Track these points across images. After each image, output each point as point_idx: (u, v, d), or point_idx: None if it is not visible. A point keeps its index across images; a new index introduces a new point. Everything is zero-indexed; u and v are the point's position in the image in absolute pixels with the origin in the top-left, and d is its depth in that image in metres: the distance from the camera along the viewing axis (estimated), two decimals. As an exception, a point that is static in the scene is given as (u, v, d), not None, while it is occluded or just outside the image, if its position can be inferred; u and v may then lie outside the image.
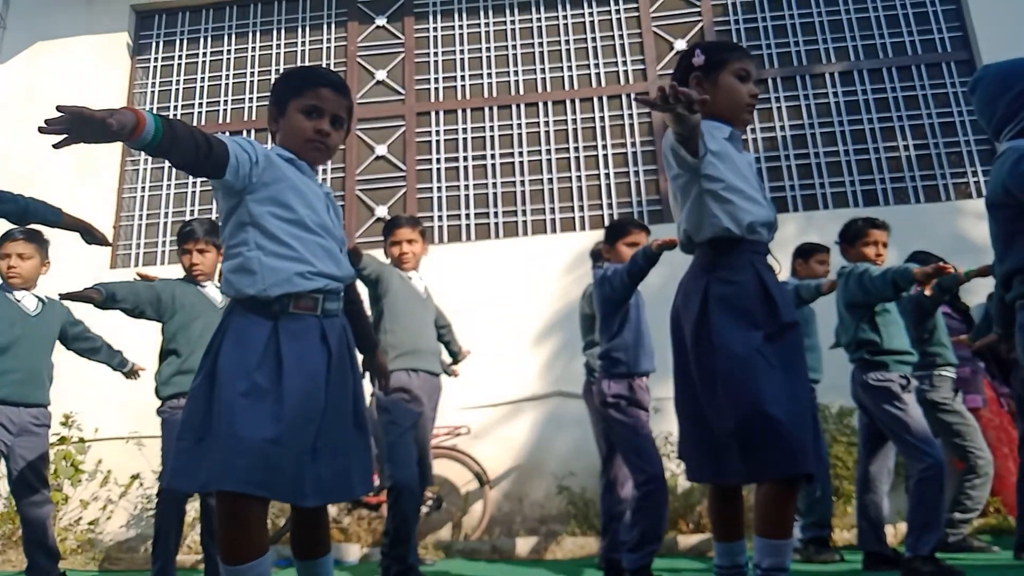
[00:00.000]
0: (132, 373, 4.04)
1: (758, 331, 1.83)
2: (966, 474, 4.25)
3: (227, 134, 2.35)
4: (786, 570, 1.84)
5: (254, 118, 7.37)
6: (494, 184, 7.00)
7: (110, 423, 6.04)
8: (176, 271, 3.76)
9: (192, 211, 7.17)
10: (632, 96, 7.10)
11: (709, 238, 1.92)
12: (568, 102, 7.17)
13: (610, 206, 6.86)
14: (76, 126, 1.48)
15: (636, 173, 6.94)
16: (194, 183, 7.25)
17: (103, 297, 3.24)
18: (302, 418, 1.75)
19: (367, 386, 2.20)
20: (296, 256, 1.81)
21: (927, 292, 3.85)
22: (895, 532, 4.78)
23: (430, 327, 3.90)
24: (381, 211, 6.84)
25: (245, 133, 7.30)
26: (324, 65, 7.22)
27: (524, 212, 6.90)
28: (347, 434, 1.86)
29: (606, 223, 6.72)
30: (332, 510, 5.57)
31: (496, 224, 6.89)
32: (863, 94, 6.98)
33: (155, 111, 2.42)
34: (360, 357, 2.10)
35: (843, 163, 6.81)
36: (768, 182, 6.80)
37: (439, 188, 7.03)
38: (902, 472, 4.55)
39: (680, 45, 7.26)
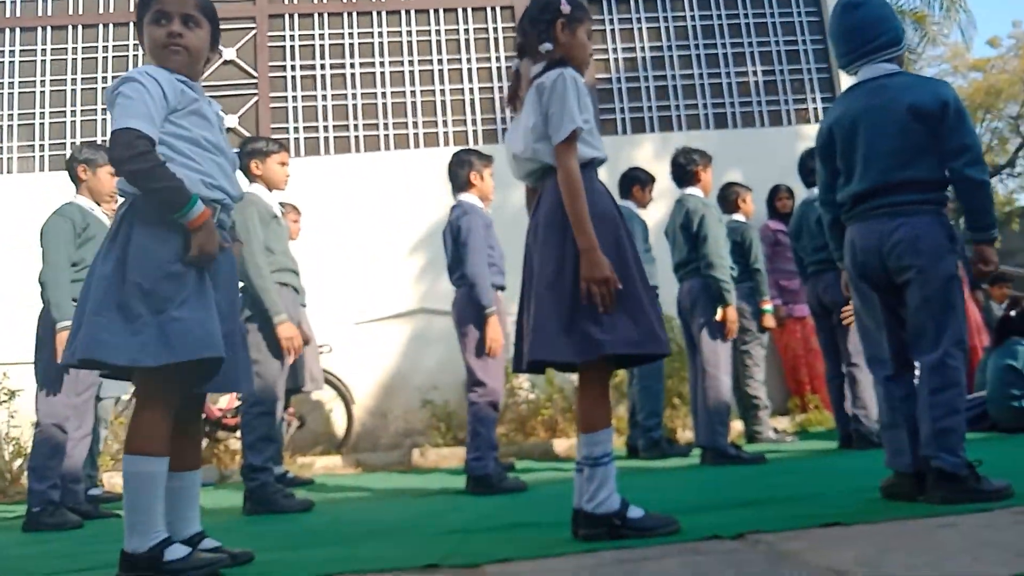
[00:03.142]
0: None
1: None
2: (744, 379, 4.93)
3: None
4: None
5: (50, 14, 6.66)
6: (354, 96, 6.74)
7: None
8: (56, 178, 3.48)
9: (72, 110, 6.45)
10: (498, 8, 6.98)
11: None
12: (432, 12, 6.95)
13: (474, 122, 6.81)
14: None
15: (501, 89, 6.89)
16: (72, 80, 6.51)
17: None
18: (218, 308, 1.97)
19: None
20: (198, 168, 1.99)
21: None
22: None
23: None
24: (231, 120, 6.44)
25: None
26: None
27: (386, 126, 6.72)
28: (235, 333, 2.06)
29: (470, 139, 6.71)
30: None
31: (357, 138, 6.68)
32: (718, 19, 7.21)
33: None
34: None
35: (697, 86, 7.07)
36: (628, 102, 6.96)
37: (295, 98, 6.68)
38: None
39: (546, -42, 7.15)
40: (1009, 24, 22.99)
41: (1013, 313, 4.86)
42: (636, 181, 4.89)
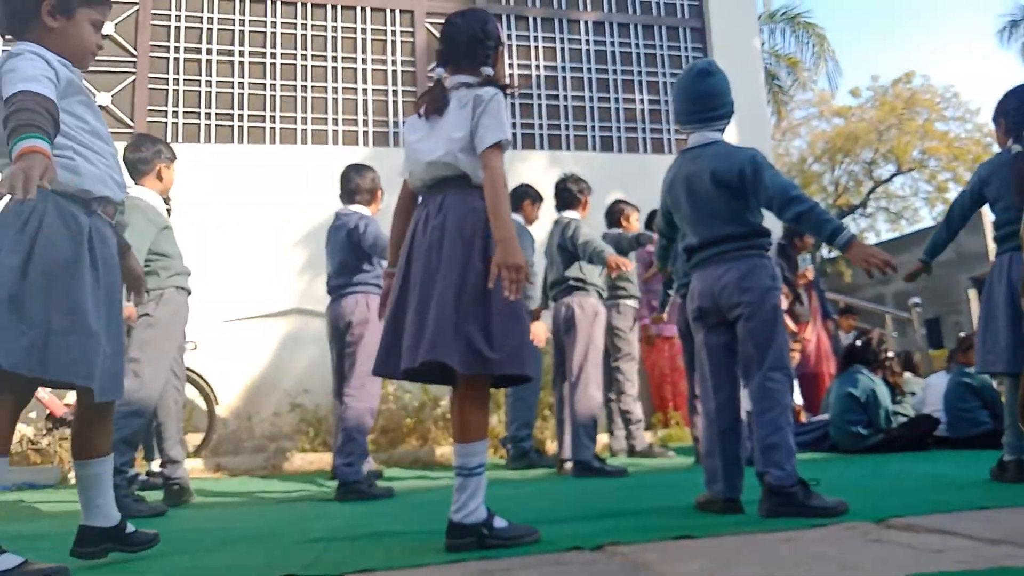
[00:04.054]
0: None
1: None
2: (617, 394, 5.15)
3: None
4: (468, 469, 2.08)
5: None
6: (240, 84, 6.50)
7: None
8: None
9: None
10: (397, 11, 6.94)
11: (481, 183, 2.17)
12: (329, 7, 6.81)
13: (366, 123, 6.72)
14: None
15: (395, 92, 6.84)
16: None
17: None
18: (106, 317, 1.91)
19: None
20: (107, 164, 1.96)
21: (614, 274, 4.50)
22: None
23: None
24: (103, 98, 6.06)
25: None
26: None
27: (273, 119, 6.51)
28: (121, 340, 2.04)
29: (360, 140, 6.62)
30: (29, 431, 5.03)
31: (241, 128, 6.44)
32: (611, 46, 7.48)
33: None
34: None
35: (587, 108, 7.29)
36: (520, 118, 7.09)
37: (176, 81, 6.36)
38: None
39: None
40: (869, 77, 25.06)
41: (858, 343, 5.26)
42: (527, 196, 4.99)
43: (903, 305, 9.36)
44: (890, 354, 5.37)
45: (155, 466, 4.18)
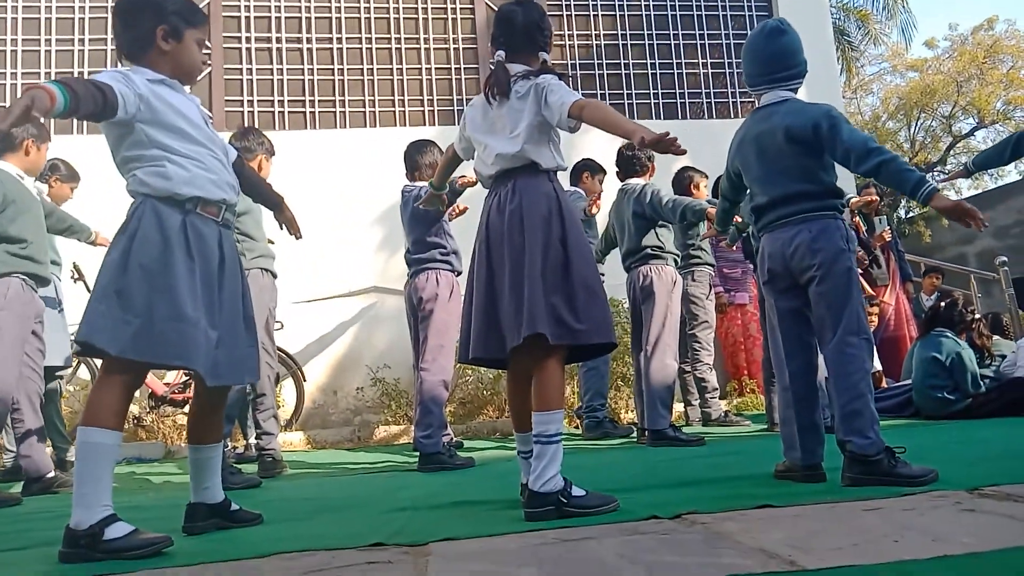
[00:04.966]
0: None
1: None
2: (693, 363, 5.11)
3: None
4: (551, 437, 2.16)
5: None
6: (310, 71, 6.65)
7: None
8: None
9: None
10: (456, -11, 6.95)
11: (550, 167, 2.32)
12: (390, -11, 6.88)
13: (431, 102, 6.79)
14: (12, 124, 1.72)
15: (458, 70, 6.88)
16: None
17: None
18: (206, 305, 2.04)
19: None
20: (203, 166, 2.09)
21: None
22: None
23: None
24: (182, 91, 6.29)
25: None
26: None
27: (343, 103, 6.65)
28: (238, 329, 2.16)
29: (426, 120, 6.69)
30: (135, 409, 5.35)
31: (312, 114, 6.60)
32: (672, 10, 7.32)
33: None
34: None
35: (649, 76, 7.18)
36: (581, 89, 7.02)
37: (249, 71, 6.56)
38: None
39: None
40: (946, 27, 23.64)
41: (942, 305, 5.09)
42: (586, 169, 4.97)
43: (987, 265, 8.97)
44: (976, 315, 5.17)
45: (252, 439, 4.37)
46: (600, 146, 6.21)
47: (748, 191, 2.84)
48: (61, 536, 1.89)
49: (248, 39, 6.59)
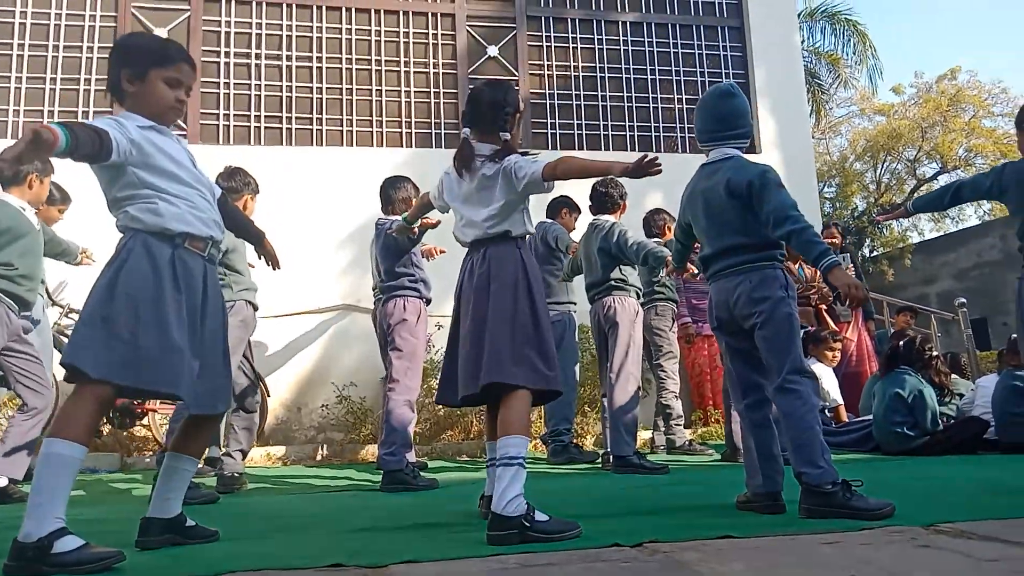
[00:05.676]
0: None
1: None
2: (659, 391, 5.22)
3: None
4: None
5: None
6: (288, 88, 6.66)
7: None
8: None
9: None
10: (439, 15, 7.03)
11: (519, 234, 2.53)
12: (372, 12, 6.93)
13: (409, 124, 6.83)
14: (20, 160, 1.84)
15: (437, 94, 6.94)
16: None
17: None
18: (189, 335, 2.11)
19: None
20: (190, 205, 2.17)
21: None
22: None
23: None
24: (158, 102, 6.26)
25: None
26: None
27: (319, 121, 6.66)
28: (217, 360, 2.23)
29: (403, 141, 6.72)
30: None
31: (289, 130, 6.60)
32: (649, 46, 7.47)
33: None
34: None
35: (625, 109, 7.30)
36: (559, 119, 7.13)
37: (227, 85, 6.55)
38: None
39: (488, -31, 7.26)
40: (912, 74, 24.42)
41: (900, 344, 5.19)
42: (564, 206, 5.22)
43: (947, 305, 9.19)
44: (935, 353, 5.29)
45: (214, 451, 4.30)
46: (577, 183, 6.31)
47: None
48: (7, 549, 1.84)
49: (228, 54, 6.58)
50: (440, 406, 5.78)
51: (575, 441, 5.06)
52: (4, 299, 3.59)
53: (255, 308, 3.97)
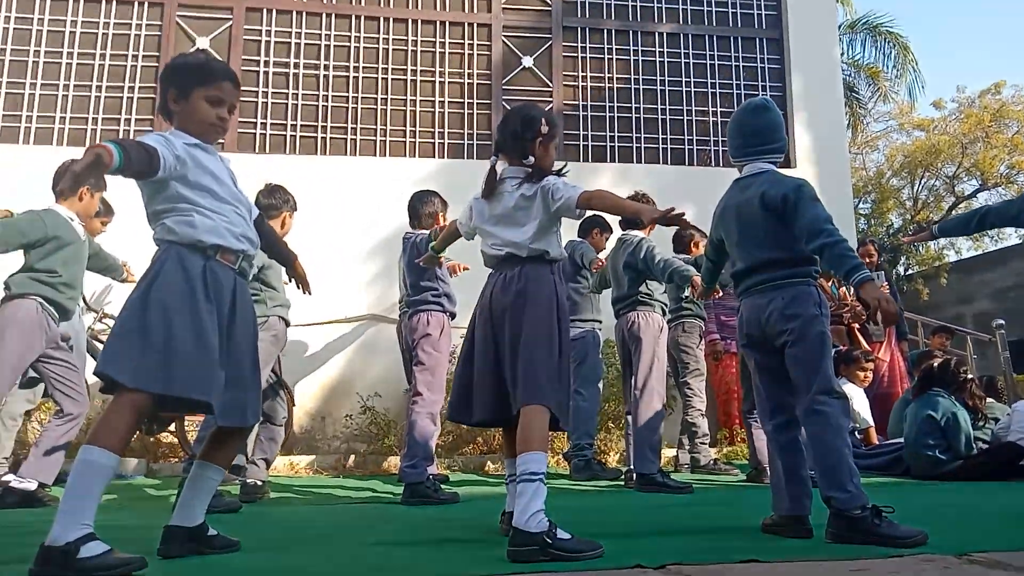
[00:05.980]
0: None
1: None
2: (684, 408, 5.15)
3: None
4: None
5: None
6: (325, 97, 6.74)
7: None
8: None
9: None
10: (475, 25, 7.07)
11: (554, 257, 2.56)
12: (409, 23, 7.00)
13: (442, 135, 6.87)
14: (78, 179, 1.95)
15: (471, 105, 6.97)
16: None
17: None
18: (219, 347, 2.15)
19: None
20: (225, 219, 2.23)
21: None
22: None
23: None
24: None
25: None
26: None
27: (354, 131, 6.73)
28: (245, 373, 2.26)
29: (436, 152, 6.77)
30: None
31: (324, 139, 6.68)
32: (686, 57, 7.44)
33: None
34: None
35: (659, 121, 7.27)
36: (592, 131, 7.12)
37: (264, 94, 6.65)
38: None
39: (524, -19, 7.30)
40: (954, 88, 23.95)
41: (935, 366, 5.09)
42: (595, 225, 5.23)
43: (984, 327, 8.98)
44: (969, 375, 5.17)
45: (240, 459, 4.34)
46: (609, 184, 6.30)
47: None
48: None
49: (267, 63, 6.69)
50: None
51: (598, 458, 5.02)
52: (46, 306, 3.66)
53: (287, 324, 4.04)
